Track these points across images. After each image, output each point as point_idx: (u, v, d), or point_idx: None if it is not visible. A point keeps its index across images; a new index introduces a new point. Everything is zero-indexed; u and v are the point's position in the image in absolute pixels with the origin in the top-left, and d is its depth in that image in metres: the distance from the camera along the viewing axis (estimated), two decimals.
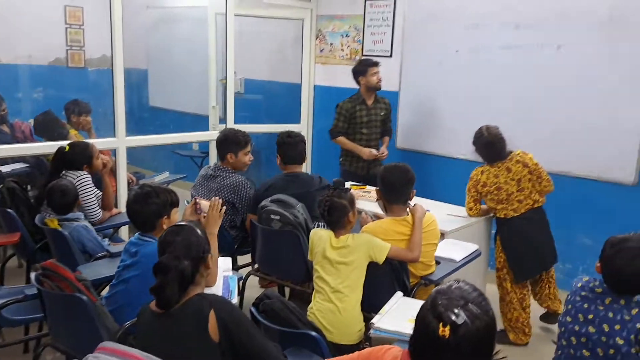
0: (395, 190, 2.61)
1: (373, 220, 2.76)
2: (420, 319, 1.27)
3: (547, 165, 3.75)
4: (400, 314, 2.15)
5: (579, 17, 3.62)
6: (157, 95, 6.50)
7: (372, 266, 2.43)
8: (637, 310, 1.80)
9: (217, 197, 2.42)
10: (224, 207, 2.41)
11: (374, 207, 3.15)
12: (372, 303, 2.34)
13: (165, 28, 6.26)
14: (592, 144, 3.67)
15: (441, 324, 1.20)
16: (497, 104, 4.01)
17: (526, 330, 3.32)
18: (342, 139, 4.27)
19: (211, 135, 4.49)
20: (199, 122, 5.34)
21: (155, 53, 6.43)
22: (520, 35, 3.90)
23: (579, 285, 1.97)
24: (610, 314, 1.83)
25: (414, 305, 2.26)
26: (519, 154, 3.26)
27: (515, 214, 3.25)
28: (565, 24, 3.69)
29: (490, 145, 3.22)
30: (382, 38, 4.73)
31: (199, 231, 1.85)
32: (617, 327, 1.81)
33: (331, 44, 5.09)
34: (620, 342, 1.79)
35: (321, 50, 5.18)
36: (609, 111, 3.58)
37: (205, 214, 2.40)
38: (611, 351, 1.81)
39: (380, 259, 2.41)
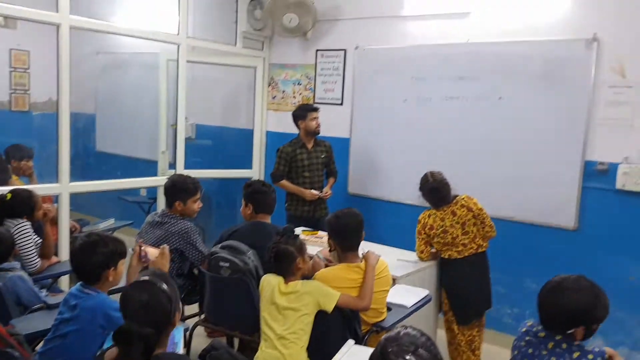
0: (350, 237, 2.62)
1: (326, 263, 2.75)
2: None
3: (491, 210, 3.87)
4: None
5: (518, 70, 3.84)
6: (105, 140, 6.36)
7: (322, 314, 2.39)
8: (578, 353, 1.82)
9: (165, 245, 2.34)
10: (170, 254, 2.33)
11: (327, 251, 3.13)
12: (322, 352, 2.28)
13: (115, 73, 6.20)
14: (534, 190, 3.82)
15: None
16: (443, 152, 4.14)
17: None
18: (284, 182, 4.31)
19: (159, 180, 4.39)
20: (148, 167, 5.24)
21: (104, 98, 6.34)
22: (464, 87, 4.08)
23: (524, 330, 1.99)
24: (553, 359, 1.84)
25: (366, 354, 2.22)
26: (464, 198, 3.35)
27: (459, 257, 3.33)
28: (505, 77, 3.90)
29: (435, 190, 3.32)
30: (334, 87, 4.84)
31: (167, 288, 1.72)
32: None
33: (283, 91, 5.16)
34: None
35: (273, 97, 5.24)
36: (548, 159, 3.76)
37: (150, 262, 2.30)
38: None
39: (329, 307, 2.37)
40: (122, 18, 5.17)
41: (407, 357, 1.20)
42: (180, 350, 2.16)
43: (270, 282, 2.46)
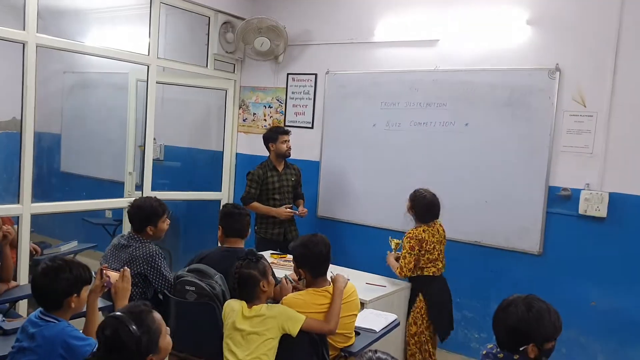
0: (320, 265, 2.60)
1: (294, 286, 2.72)
2: None
3: (458, 235, 3.94)
4: None
5: (484, 98, 3.94)
6: (70, 160, 6.21)
7: (288, 338, 2.35)
8: None
9: (126, 268, 2.28)
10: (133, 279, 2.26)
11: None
12: None
13: (83, 92, 6.10)
14: (500, 215, 3.89)
15: None
16: (411, 177, 4.19)
17: None
18: (255, 204, 4.28)
19: (126, 202, 4.30)
20: (114, 188, 5.14)
21: (70, 117, 6.21)
22: (431, 113, 4.16)
23: (484, 352, 2.00)
24: None
25: None
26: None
27: (439, 274, 3.44)
28: (471, 104, 3.99)
29: (432, 205, 3.43)
30: (304, 110, 4.87)
31: (133, 326, 1.64)
32: None
33: (254, 114, 5.17)
34: None
35: (244, 120, 5.24)
36: (513, 184, 3.84)
37: (111, 286, 2.23)
38: None
39: (294, 331, 2.34)
40: (92, 37, 5.12)
41: None
42: None
43: (233, 308, 2.42)
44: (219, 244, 3.17)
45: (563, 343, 3.63)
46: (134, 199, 3.34)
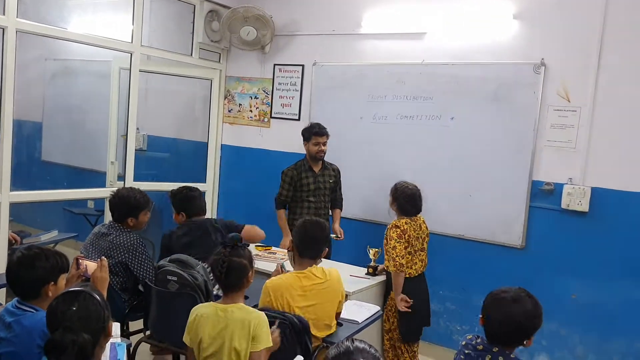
0: (310, 245, 2.63)
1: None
2: None
3: (442, 228, 3.96)
4: None
5: (470, 92, 3.95)
6: (51, 149, 6.11)
7: (272, 325, 2.33)
8: None
9: (104, 257, 2.24)
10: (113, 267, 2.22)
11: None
12: None
13: (65, 80, 5.99)
14: (484, 208, 3.91)
15: None
16: (397, 169, 4.18)
17: None
18: (281, 213, 4.07)
19: (107, 192, 4.23)
20: (96, 178, 5.06)
21: (51, 105, 6.10)
22: (418, 107, 4.15)
23: (463, 343, 2.01)
24: None
25: None
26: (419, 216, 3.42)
27: (416, 274, 3.37)
28: (457, 98, 4.00)
29: (414, 197, 3.39)
30: (291, 102, 4.84)
31: (96, 296, 1.65)
32: None
33: (240, 104, 5.12)
34: None
35: (230, 110, 5.19)
36: (497, 178, 3.85)
37: (89, 275, 2.19)
38: None
39: (255, 346, 2.18)
40: (74, 24, 5.02)
41: None
42: None
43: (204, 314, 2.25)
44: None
45: (544, 335, 3.67)
46: (116, 188, 3.31)
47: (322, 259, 2.77)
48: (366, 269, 3.55)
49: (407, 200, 3.39)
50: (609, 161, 3.51)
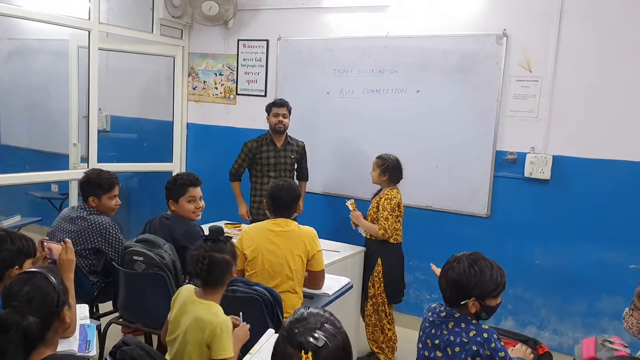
0: (283, 206, 2.78)
1: None
2: (279, 354, 1.24)
3: (410, 200, 4.00)
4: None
5: (434, 64, 3.96)
6: (10, 132, 5.92)
7: (242, 300, 2.34)
8: (474, 332, 1.87)
9: (68, 239, 2.19)
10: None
11: None
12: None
13: (21, 61, 5.78)
14: (450, 179, 3.97)
15: (302, 351, 1.18)
16: (365, 144, 4.21)
17: (395, 345, 3.59)
18: (236, 185, 4.09)
19: (70, 174, 4.16)
20: (59, 161, 4.94)
21: (8, 87, 5.89)
22: (384, 80, 4.16)
23: (429, 313, 2.05)
24: (452, 337, 1.90)
25: None
26: None
27: (401, 240, 3.55)
28: (422, 71, 4.01)
29: (400, 166, 3.54)
30: (257, 78, 4.78)
31: (53, 279, 1.60)
32: (456, 349, 1.87)
33: (204, 81, 5.03)
34: None
35: (194, 88, 5.10)
36: (463, 150, 3.92)
37: (55, 258, 2.15)
38: None
39: (214, 353, 2.01)
40: (29, 1, 4.82)
41: (315, 335, 1.20)
42: (94, 349, 2.05)
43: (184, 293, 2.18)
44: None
45: (509, 299, 3.78)
46: (82, 171, 3.23)
47: None
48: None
49: (396, 169, 3.52)
50: (570, 130, 3.59)
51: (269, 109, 4.05)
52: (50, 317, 1.52)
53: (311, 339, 1.20)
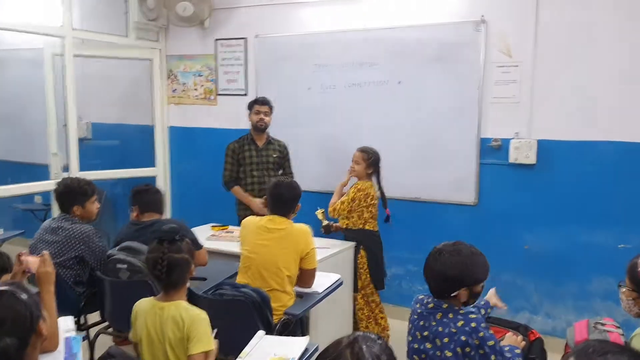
0: (281, 204, 2.77)
1: None
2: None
3: (398, 192, 3.99)
4: (263, 355, 2.05)
5: (414, 54, 3.94)
6: None
7: (230, 304, 2.31)
8: (462, 322, 1.86)
9: (45, 252, 2.14)
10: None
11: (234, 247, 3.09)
12: (232, 344, 2.18)
13: None
14: (437, 169, 3.96)
15: None
16: (349, 138, 4.17)
17: (388, 333, 3.61)
18: (236, 189, 4.00)
19: (53, 184, 4.05)
20: (40, 171, 4.84)
21: None
22: (365, 73, 4.13)
23: (417, 304, 2.03)
24: (440, 328, 1.88)
25: (278, 343, 2.19)
26: None
27: (377, 228, 3.60)
28: (402, 62, 3.99)
29: (379, 159, 3.59)
30: (236, 77, 4.73)
31: (24, 295, 1.54)
32: (445, 340, 1.85)
33: (184, 83, 4.97)
34: (449, 354, 1.83)
35: (174, 90, 5.03)
36: (447, 139, 3.90)
37: (33, 271, 2.09)
38: None
39: (191, 348, 1.96)
40: None
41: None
42: None
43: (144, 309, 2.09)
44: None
45: (501, 285, 3.72)
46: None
47: None
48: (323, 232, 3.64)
49: (378, 162, 3.61)
50: (552, 113, 3.59)
51: (250, 106, 4.01)
52: (26, 334, 1.47)
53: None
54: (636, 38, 3.33)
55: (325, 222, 3.62)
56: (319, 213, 3.63)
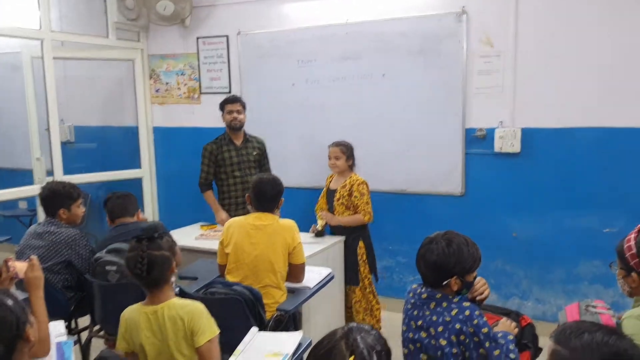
0: (266, 200, 2.77)
1: None
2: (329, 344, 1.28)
3: (384, 185, 4.00)
4: (257, 352, 2.05)
5: (397, 47, 3.95)
6: None
7: (222, 302, 2.30)
8: (456, 310, 1.87)
9: (33, 256, 2.11)
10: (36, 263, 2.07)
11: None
12: (225, 342, 2.17)
13: None
14: (423, 161, 3.97)
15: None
16: (335, 132, 4.16)
17: (380, 323, 3.65)
18: (208, 194, 3.95)
19: (37, 189, 4.00)
20: (24, 176, 4.78)
21: None
22: (348, 67, 4.13)
23: (410, 294, 2.04)
24: (434, 318, 1.90)
25: (272, 340, 2.18)
26: None
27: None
28: (386, 55, 3.99)
29: (353, 149, 3.65)
30: (220, 75, 4.70)
31: (9, 300, 1.51)
32: (440, 329, 1.87)
33: (167, 83, 4.93)
34: (444, 342, 1.85)
35: (157, 90, 4.99)
36: (432, 131, 3.92)
37: (21, 277, 2.06)
38: (439, 353, 1.87)
39: (198, 340, 1.96)
40: None
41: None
42: None
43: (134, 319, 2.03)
44: None
45: (490, 274, 3.81)
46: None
47: None
48: (313, 233, 3.61)
49: (353, 152, 3.63)
50: (535, 101, 3.62)
51: (222, 106, 3.95)
52: (12, 340, 1.45)
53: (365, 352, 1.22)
54: (615, 26, 3.37)
55: (321, 229, 3.59)
56: (321, 223, 3.60)
